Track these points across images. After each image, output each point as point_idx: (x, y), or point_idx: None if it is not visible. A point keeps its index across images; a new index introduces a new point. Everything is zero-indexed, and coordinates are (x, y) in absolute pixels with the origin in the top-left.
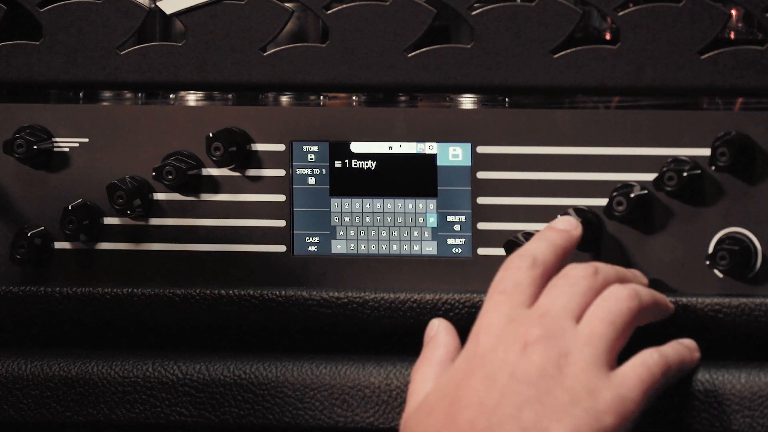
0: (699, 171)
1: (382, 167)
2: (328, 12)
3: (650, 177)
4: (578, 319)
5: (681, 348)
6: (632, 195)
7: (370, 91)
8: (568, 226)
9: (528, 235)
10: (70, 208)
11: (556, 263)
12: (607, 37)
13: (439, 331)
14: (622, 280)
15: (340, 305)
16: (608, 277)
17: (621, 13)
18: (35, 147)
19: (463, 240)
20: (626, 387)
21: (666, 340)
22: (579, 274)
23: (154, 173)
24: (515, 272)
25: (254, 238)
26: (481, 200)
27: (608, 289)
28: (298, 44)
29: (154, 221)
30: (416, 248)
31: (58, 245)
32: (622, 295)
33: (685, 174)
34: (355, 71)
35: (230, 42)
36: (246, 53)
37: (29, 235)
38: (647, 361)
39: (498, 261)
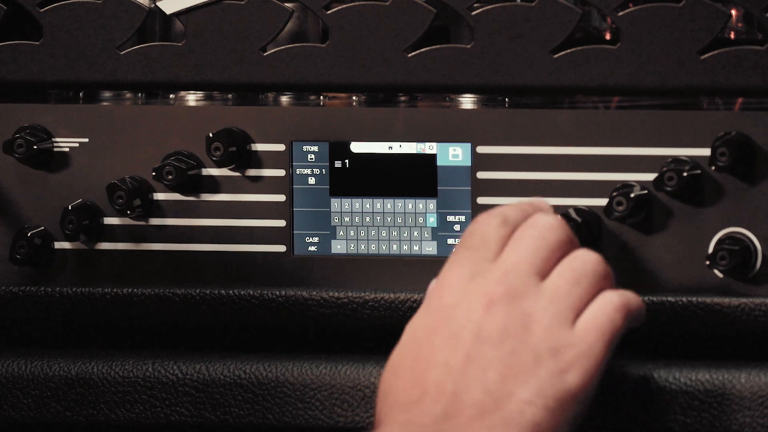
0: (699, 171)
1: (382, 167)
2: (328, 12)
3: (650, 177)
4: (543, 275)
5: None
6: (632, 195)
7: (370, 91)
8: (543, 205)
9: None
10: (70, 208)
11: None
12: (607, 37)
13: None
14: None
15: (340, 305)
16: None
17: (621, 13)
18: (35, 147)
19: None
20: (587, 342)
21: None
22: (547, 224)
23: (154, 173)
24: (483, 227)
25: (254, 238)
26: (481, 200)
27: (577, 251)
28: (298, 44)
29: (154, 221)
30: (416, 248)
31: (58, 245)
32: (589, 257)
33: (685, 174)
34: (355, 71)
35: (230, 42)
36: (246, 53)
37: (29, 235)
38: (606, 309)
39: None
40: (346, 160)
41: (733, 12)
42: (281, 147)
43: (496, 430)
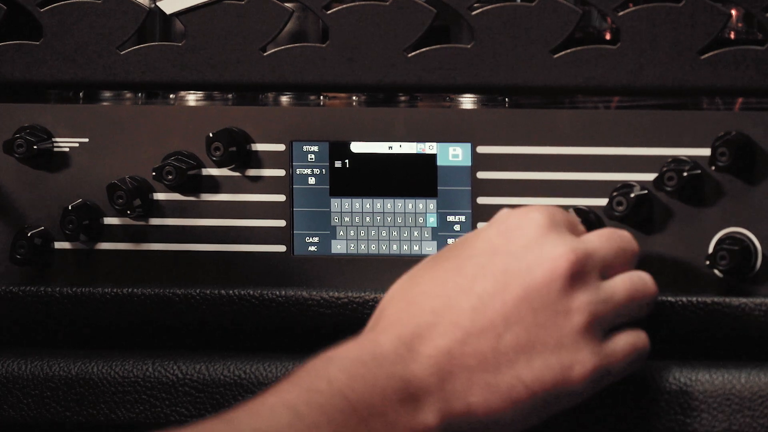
0: (699, 171)
1: (382, 167)
2: (328, 12)
3: (650, 177)
4: (604, 277)
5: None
6: (632, 195)
7: (370, 91)
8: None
9: None
10: (70, 208)
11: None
12: (607, 37)
13: None
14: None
15: (340, 305)
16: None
17: (621, 13)
18: (35, 147)
19: None
20: (610, 360)
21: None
22: (633, 243)
23: (154, 173)
24: (572, 213)
25: (254, 238)
26: (481, 200)
27: (641, 272)
28: (298, 44)
29: (154, 221)
30: (416, 248)
31: (58, 245)
32: (652, 284)
33: (685, 174)
34: (355, 71)
35: (230, 42)
36: (246, 53)
37: (29, 235)
38: (641, 342)
39: None
40: (346, 160)
41: (733, 12)
42: (281, 147)
43: (478, 391)
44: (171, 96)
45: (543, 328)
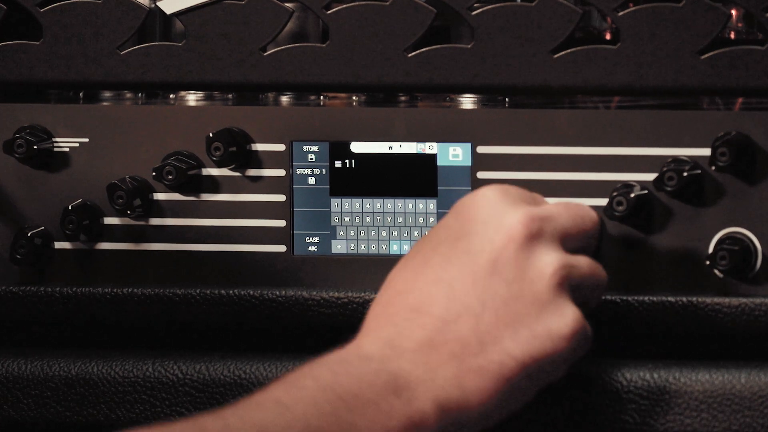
0: (699, 171)
1: (382, 167)
2: (328, 12)
3: (650, 177)
4: (565, 247)
5: None
6: (632, 195)
7: (370, 91)
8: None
9: None
10: (70, 208)
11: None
12: (607, 37)
13: None
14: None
15: (340, 305)
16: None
17: (621, 13)
18: (35, 147)
19: None
20: (585, 323)
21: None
22: (592, 213)
23: (154, 173)
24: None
25: (254, 238)
26: None
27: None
28: (298, 44)
29: (154, 221)
30: None
31: (58, 245)
32: (604, 273)
33: (685, 174)
34: (355, 71)
35: (230, 42)
36: (246, 53)
37: (29, 235)
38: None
39: None
40: (347, 160)
41: (733, 12)
42: (281, 147)
43: (469, 375)
44: (171, 96)
45: (520, 298)
